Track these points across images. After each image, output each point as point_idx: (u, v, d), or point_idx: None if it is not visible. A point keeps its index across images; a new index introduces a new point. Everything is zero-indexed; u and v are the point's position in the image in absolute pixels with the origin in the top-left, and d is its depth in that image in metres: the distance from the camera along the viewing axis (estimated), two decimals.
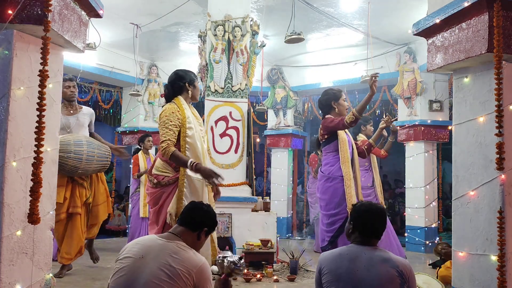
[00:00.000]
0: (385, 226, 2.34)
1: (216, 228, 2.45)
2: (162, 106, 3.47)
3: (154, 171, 3.36)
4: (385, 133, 5.32)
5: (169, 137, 3.21)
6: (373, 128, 5.65)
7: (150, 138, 6.86)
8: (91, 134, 4.81)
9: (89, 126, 4.84)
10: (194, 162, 3.17)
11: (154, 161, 3.48)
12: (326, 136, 4.01)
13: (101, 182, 4.84)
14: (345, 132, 4.06)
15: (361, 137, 5.62)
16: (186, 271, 2.05)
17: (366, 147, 4.38)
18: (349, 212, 3.57)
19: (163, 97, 3.57)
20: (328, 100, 4.07)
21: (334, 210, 3.77)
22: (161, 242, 2.16)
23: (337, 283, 2.19)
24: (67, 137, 4.37)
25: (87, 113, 4.81)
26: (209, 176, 3.18)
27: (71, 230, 4.54)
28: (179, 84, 3.45)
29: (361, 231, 2.32)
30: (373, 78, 3.85)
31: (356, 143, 4.40)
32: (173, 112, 3.28)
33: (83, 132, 4.68)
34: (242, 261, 2.96)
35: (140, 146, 6.80)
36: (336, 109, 4.05)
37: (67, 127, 4.60)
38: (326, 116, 4.06)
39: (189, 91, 3.46)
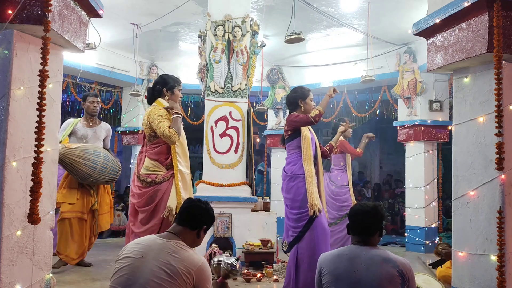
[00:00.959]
0: (379, 224, 2.33)
1: (213, 223, 2.48)
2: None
3: (144, 171, 3.51)
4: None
5: (166, 125, 3.41)
6: (351, 130, 5.73)
7: None
8: (104, 148, 5.09)
9: (104, 140, 5.18)
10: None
11: (140, 163, 3.61)
12: (289, 133, 3.99)
13: (106, 193, 5.11)
14: (309, 130, 4.05)
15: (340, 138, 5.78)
16: (186, 270, 2.06)
17: (327, 147, 4.40)
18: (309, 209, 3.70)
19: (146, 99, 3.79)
20: (296, 98, 4.07)
21: (299, 210, 3.80)
22: (160, 241, 2.17)
23: (336, 283, 2.19)
24: (88, 146, 4.75)
25: (104, 128, 5.20)
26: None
27: (73, 233, 4.77)
28: (159, 88, 3.69)
29: (354, 231, 2.33)
30: (334, 91, 4.07)
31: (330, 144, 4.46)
32: (160, 109, 3.52)
33: (98, 144, 5.01)
34: (239, 262, 2.97)
35: None
36: (303, 107, 4.03)
37: (84, 138, 4.99)
38: (292, 113, 4.07)
39: (166, 96, 3.67)
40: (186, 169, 3.59)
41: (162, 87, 3.68)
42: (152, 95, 3.71)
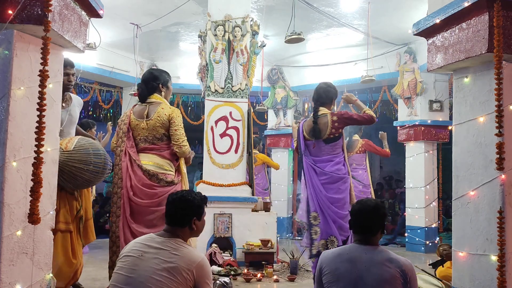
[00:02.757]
0: (381, 222, 2.31)
1: (204, 208, 2.37)
2: (148, 104, 3.50)
3: (158, 170, 3.39)
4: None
5: (185, 137, 3.47)
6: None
7: None
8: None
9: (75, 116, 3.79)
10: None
11: (134, 159, 3.37)
12: (340, 131, 3.81)
13: (89, 195, 3.93)
14: None
15: (356, 136, 5.88)
16: (186, 267, 2.08)
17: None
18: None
19: (136, 96, 3.64)
20: (332, 94, 3.96)
21: (348, 211, 3.67)
22: (159, 240, 2.19)
23: (337, 283, 2.18)
24: (81, 142, 3.42)
25: (77, 105, 3.80)
26: None
27: (59, 251, 3.28)
28: (153, 84, 3.54)
29: (356, 229, 2.32)
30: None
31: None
32: (179, 116, 3.50)
33: (73, 130, 3.74)
34: (231, 281, 3.02)
35: None
36: (332, 106, 3.97)
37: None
38: (344, 110, 3.93)
39: (162, 92, 3.57)
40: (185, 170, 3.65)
41: (157, 83, 3.54)
42: (147, 92, 3.53)
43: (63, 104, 3.62)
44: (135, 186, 3.35)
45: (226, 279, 3.16)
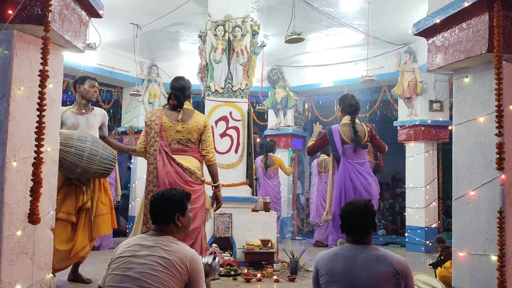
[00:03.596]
0: (371, 221, 2.31)
1: (187, 204, 2.40)
2: (181, 109, 3.77)
3: (196, 170, 3.67)
4: None
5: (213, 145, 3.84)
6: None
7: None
8: (103, 139, 4.34)
9: (101, 129, 4.43)
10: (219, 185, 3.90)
11: (174, 159, 3.62)
12: (369, 139, 4.62)
13: (104, 191, 4.32)
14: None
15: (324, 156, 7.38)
16: (180, 261, 2.12)
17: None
18: None
19: (172, 104, 3.76)
20: (339, 102, 4.76)
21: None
22: (151, 239, 2.24)
23: (334, 283, 2.19)
24: (71, 131, 4.02)
25: (99, 115, 4.38)
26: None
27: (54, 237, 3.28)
28: (186, 93, 3.85)
29: (347, 231, 2.32)
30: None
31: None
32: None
33: (93, 133, 4.26)
34: (216, 260, 2.99)
35: None
36: (338, 114, 4.69)
37: (75, 127, 4.17)
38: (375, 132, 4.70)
39: (190, 99, 3.91)
40: None
41: (188, 92, 3.86)
42: (183, 99, 3.79)
43: (83, 111, 4.31)
44: (174, 183, 3.53)
45: (209, 259, 3.00)
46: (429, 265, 5.71)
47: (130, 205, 8.56)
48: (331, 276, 2.21)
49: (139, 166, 8.14)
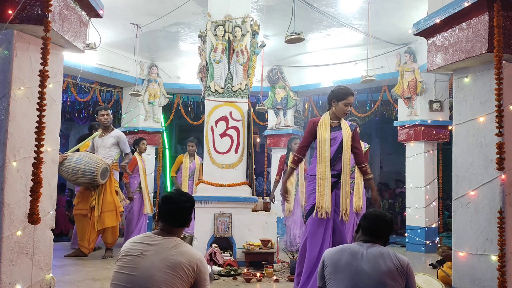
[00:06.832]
0: (390, 234, 2.42)
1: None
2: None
3: None
4: None
5: None
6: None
7: (145, 141, 7.20)
8: (126, 155, 5.89)
9: (119, 146, 5.79)
10: None
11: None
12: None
13: (109, 193, 5.61)
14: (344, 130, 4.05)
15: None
16: (187, 262, 2.11)
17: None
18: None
19: None
20: (329, 97, 4.07)
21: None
22: (158, 238, 2.21)
23: (337, 274, 2.28)
24: (73, 154, 5.51)
25: (112, 135, 5.78)
26: None
27: (79, 227, 5.68)
28: None
29: (366, 232, 2.39)
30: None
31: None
32: None
33: (105, 151, 5.69)
34: (212, 268, 3.00)
35: (135, 148, 6.98)
36: (334, 108, 4.01)
37: (97, 147, 5.74)
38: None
39: None
40: None
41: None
42: None
43: (103, 134, 5.83)
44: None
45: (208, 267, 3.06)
46: (429, 265, 5.71)
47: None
48: (335, 267, 2.28)
49: None
